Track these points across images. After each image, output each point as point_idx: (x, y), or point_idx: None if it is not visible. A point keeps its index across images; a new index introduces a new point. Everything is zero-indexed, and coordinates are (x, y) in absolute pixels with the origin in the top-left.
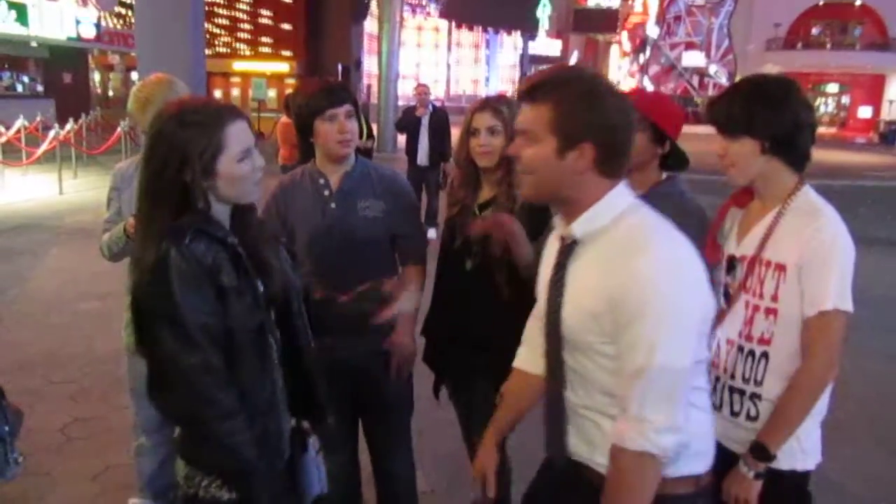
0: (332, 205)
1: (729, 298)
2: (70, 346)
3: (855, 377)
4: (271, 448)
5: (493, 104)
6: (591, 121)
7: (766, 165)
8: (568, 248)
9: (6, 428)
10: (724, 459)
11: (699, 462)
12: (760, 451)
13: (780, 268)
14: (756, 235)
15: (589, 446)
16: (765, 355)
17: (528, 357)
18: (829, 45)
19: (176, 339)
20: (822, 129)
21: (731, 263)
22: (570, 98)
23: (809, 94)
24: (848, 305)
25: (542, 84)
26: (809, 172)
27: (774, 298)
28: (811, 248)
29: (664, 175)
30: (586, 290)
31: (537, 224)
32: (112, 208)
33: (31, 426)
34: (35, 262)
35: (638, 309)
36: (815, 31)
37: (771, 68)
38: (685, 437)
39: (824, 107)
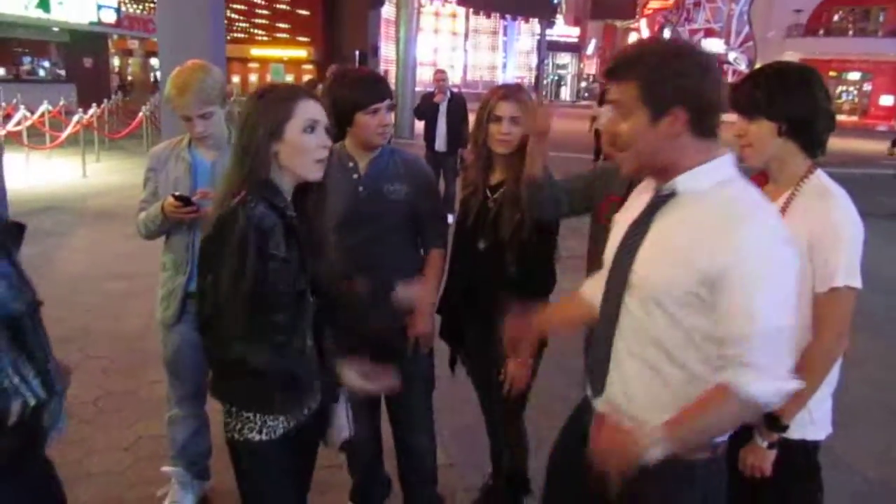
0: (361, 188)
1: None
2: (99, 324)
3: (871, 360)
4: (298, 392)
5: (517, 94)
6: (677, 85)
7: (781, 148)
8: (659, 201)
9: (60, 386)
10: (740, 431)
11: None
12: (773, 422)
13: None
14: None
15: (627, 395)
16: None
17: (591, 288)
18: (850, 32)
19: (228, 264)
20: (843, 117)
21: None
22: (652, 68)
23: (830, 82)
24: (857, 282)
25: (624, 60)
26: (830, 160)
27: None
28: (821, 227)
29: None
30: (682, 242)
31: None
32: (148, 188)
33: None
34: (61, 243)
35: (749, 275)
36: (836, 17)
37: (791, 55)
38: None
39: (846, 95)
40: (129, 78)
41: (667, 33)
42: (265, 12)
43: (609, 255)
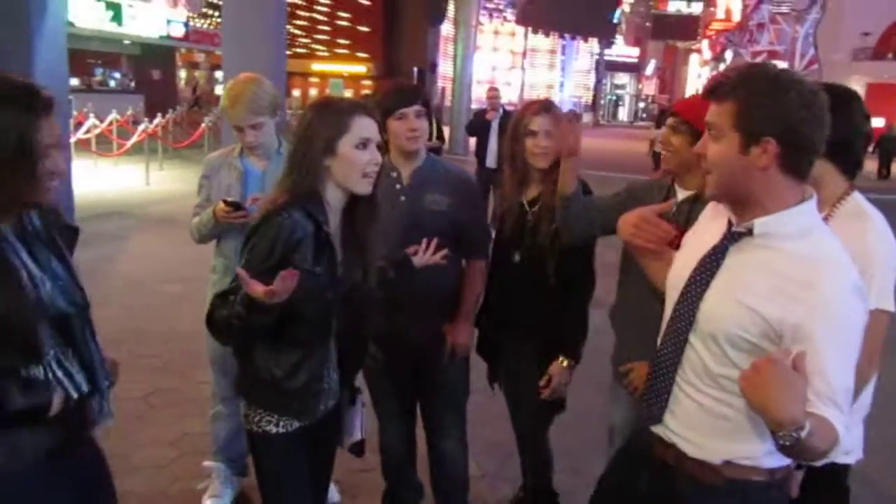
0: (402, 198)
1: None
2: (153, 324)
3: None
4: (311, 396)
5: (550, 108)
6: (773, 115)
7: (820, 168)
8: (733, 237)
9: (106, 382)
10: None
11: (776, 458)
12: None
13: None
14: None
15: (686, 426)
16: None
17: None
18: None
19: (256, 251)
20: None
21: None
22: (752, 93)
23: None
24: (890, 305)
25: (726, 81)
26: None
27: None
28: (855, 249)
29: None
30: (753, 286)
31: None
32: (202, 194)
33: (116, 394)
34: (122, 247)
35: (826, 335)
36: None
37: (858, 79)
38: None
39: None
40: (197, 91)
41: (729, 55)
42: (326, 28)
43: (675, 279)
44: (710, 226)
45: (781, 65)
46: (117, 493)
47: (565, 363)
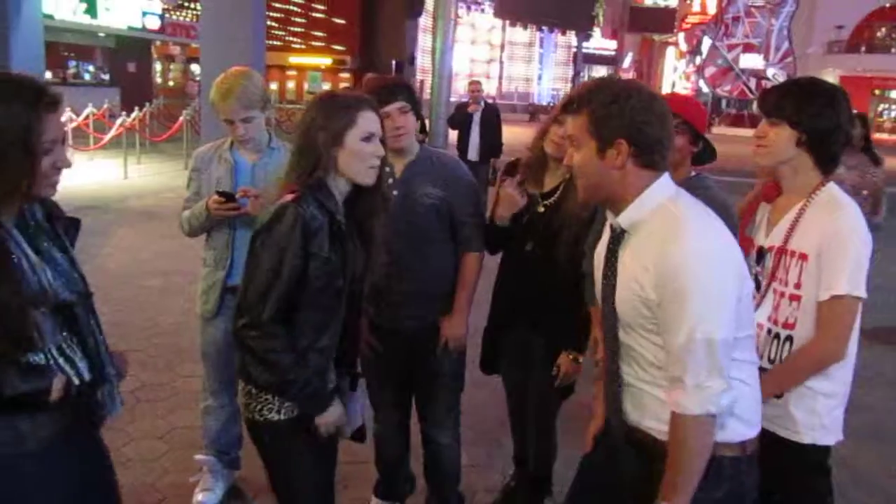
0: (395, 192)
1: (759, 286)
2: (136, 319)
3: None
4: (320, 380)
5: None
6: (620, 120)
7: (796, 158)
8: (617, 238)
9: (112, 371)
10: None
11: (746, 429)
12: None
13: (803, 257)
14: (782, 227)
15: (639, 411)
16: (789, 338)
17: None
18: (893, 49)
19: (268, 260)
20: (884, 136)
21: (761, 254)
22: (600, 104)
23: (872, 100)
24: (860, 292)
25: (578, 96)
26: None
27: (798, 285)
28: (829, 237)
29: (692, 171)
30: (632, 275)
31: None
32: (192, 188)
33: None
34: (102, 241)
35: (675, 291)
36: (879, 34)
37: (832, 72)
38: (735, 394)
39: (888, 112)
40: (171, 83)
41: (705, 47)
42: (301, 20)
43: (598, 293)
44: (606, 234)
45: (756, 57)
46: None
47: (572, 356)
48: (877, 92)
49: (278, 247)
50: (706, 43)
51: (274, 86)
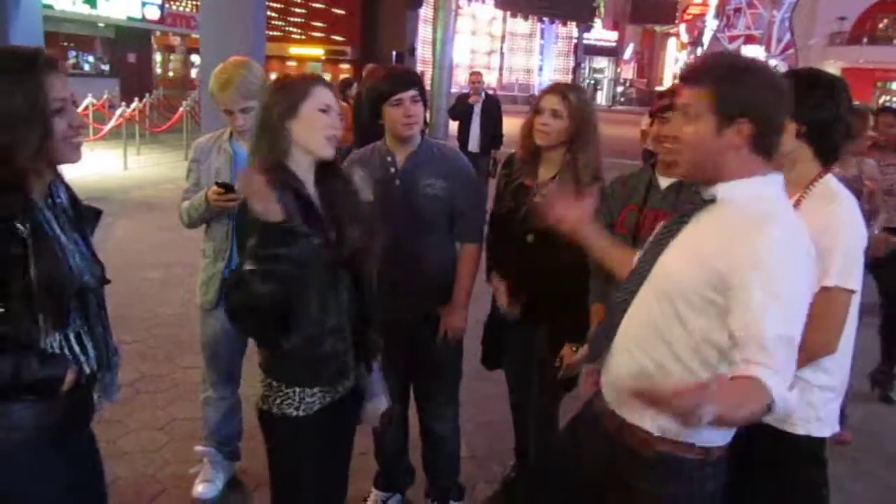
0: (397, 182)
1: None
2: (136, 310)
3: None
4: (338, 363)
5: (562, 90)
6: (747, 98)
7: (796, 150)
8: (699, 205)
9: (115, 358)
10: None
11: (717, 435)
12: None
13: None
14: None
15: (620, 392)
16: None
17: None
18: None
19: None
20: None
21: None
22: (726, 78)
23: (874, 91)
24: (852, 284)
25: (702, 66)
26: None
27: None
28: (822, 228)
29: None
30: (701, 247)
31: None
32: (191, 179)
33: None
34: (101, 233)
35: (768, 282)
36: (881, 25)
37: (833, 64)
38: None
39: (890, 104)
40: (171, 73)
41: (706, 40)
42: (301, 10)
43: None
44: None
45: (758, 49)
46: (107, 479)
47: (575, 348)
48: (879, 84)
49: (254, 240)
50: (707, 34)
51: (274, 76)
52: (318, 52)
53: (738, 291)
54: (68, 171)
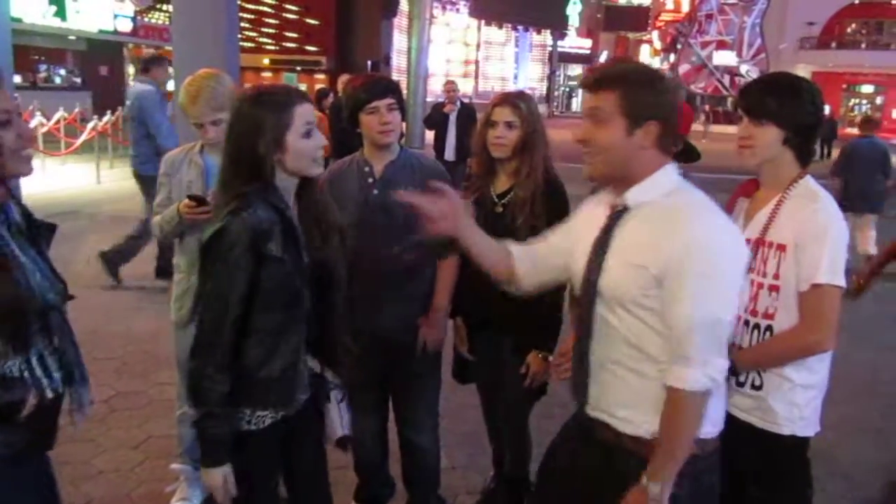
0: (375, 191)
1: None
2: (110, 326)
3: (882, 372)
4: (291, 387)
5: (513, 100)
6: (654, 102)
7: (780, 155)
8: (617, 215)
9: (86, 374)
10: (730, 425)
11: (708, 426)
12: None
13: (781, 247)
14: (760, 219)
15: (607, 398)
16: (769, 328)
17: (520, 255)
18: (864, 45)
19: (216, 286)
20: (855, 130)
21: None
22: (635, 83)
23: (843, 95)
24: (840, 280)
25: (609, 73)
26: None
27: (776, 276)
28: (806, 228)
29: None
30: (635, 247)
31: (557, 208)
32: (163, 192)
33: None
34: (75, 248)
35: (689, 268)
36: (850, 30)
37: (804, 68)
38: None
39: (858, 108)
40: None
41: (679, 45)
42: (274, 21)
43: (577, 270)
44: (595, 215)
45: (730, 54)
46: (81, 500)
47: (541, 355)
48: (847, 87)
49: (223, 276)
50: (680, 40)
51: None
52: (292, 62)
53: (671, 282)
54: (40, 188)
